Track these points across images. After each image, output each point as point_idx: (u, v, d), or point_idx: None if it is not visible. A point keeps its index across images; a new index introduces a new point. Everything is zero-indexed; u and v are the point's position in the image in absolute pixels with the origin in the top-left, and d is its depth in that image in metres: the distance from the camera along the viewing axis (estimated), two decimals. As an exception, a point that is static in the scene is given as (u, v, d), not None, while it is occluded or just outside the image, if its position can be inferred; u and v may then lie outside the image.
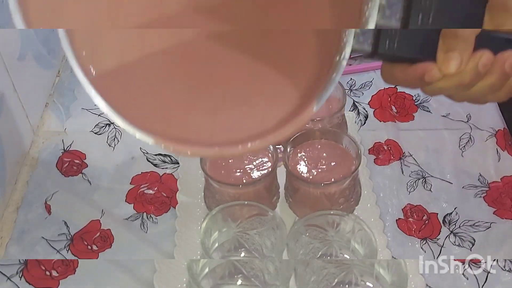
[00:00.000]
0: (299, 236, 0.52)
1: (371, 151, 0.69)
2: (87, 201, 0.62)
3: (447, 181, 0.65)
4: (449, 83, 0.37)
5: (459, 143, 0.69)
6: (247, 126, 0.36)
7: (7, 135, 0.62)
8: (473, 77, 0.36)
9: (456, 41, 0.35)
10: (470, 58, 0.36)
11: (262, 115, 0.36)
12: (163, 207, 0.62)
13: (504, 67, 0.36)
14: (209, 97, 0.38)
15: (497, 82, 0.37)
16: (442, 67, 0.36)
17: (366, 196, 0.60)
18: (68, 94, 0.75)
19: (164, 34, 0.39)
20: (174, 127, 0.36)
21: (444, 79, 0.36)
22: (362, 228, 0.51)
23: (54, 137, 0.70)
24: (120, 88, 0.37)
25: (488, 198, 0.63)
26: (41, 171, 0.66)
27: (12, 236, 0.59)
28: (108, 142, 0.69)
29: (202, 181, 0.60)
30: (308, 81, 0.36)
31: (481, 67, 0.36)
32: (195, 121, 0.37)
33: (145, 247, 0.58)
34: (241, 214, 0.53)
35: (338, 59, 0.33)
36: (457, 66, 0.36)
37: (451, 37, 0.35)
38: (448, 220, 0.61)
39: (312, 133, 0.58)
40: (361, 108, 0.74)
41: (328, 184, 0.53)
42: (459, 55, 0.35)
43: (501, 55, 0.36)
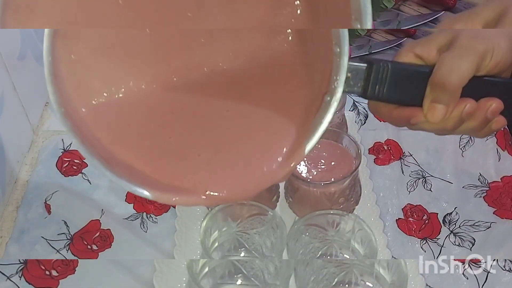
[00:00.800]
0: (299, 236, 0.52)
1: (371, 151, 0.69)
2: (87, 201, 0.62)
3: (447, 181, 0.65)
4: (433, 127, 0.39)
5: (459, 143, 0.69)
6: (240, 174, 0.37)
7: (7, 135, 0.62)
8: (456, 124, 0.38)
9: (443, 93, 0.37)
10: (456, 106, 0.37)
11: (254, 163, 0.37)
12: (163, 207, 0.62)
13: (486, 114, 0.37)
14: (200, 147, 0.38)
15: (478, 126, 0.38)
16: (427, 115, 0.38)
17: (366, 196, 0.60)
18: (68, 93, 0.75)
19: (158, 83, 0.40)
20: (165, 177, 0.37)
21: (428, 123, 0.38)
22: (362, 228, 0.51)
23: (54, 136, 0.70)
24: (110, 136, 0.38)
25: (488, 198, 0.63)
26: (41, 170, 0.66)
27: (12, 235, 0.59)
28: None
29: (202, 181, 0.60)
30: (299, 126, 0.37)
31: (465, 116, 0.37)
32: (184, 170, 0.37)
33: (145, 247, 0.58)
34: (241, 213, 0.53)
35: (329, 99, 0.34)
36: (442, 117, 0.37)
37: (439, 88, 0.37)
38: (448, 220, 0.61)
39: (312, 132, 0.58)
40: (361, 108, 0.74)
41: (328, 183, 0.53)
42: (445, 107, 0.37)
43: (484, 102, 0.37)
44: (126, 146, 0.37)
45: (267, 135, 0.38)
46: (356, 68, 0.37)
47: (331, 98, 0.34)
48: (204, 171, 0.37)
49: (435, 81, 0.37)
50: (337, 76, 0.34)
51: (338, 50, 0.33)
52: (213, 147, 0.38)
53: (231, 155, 0.37)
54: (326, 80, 0.35)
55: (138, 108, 0.39)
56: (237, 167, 0.37)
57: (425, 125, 0.39)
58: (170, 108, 0.39)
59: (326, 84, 0.35)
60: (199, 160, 0.37)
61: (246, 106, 0.39)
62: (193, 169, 0.37)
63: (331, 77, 0.34)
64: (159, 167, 0.37)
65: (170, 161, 0.37)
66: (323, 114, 0.34)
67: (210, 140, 0.38)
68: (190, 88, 0.40)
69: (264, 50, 0.40)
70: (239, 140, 0.38)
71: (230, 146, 0.38)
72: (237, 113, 0.39)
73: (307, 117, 0.37)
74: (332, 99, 0.34)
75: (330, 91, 0.34)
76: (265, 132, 0.38)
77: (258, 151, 0.37)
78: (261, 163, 0.36)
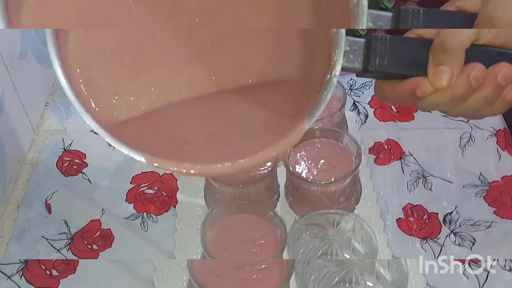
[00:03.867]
0: (299, 235, 0.52)
1: (372, 151, 0.69)
2: (87, 201, 0.62)
3: (447, 181, 0.65)
4: (442, 97, 0.37)
5: (460, 143, 0.69)
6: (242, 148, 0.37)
7: (7, 134, 0.62)
8: (465, 90, 0.36)
9: (445, 55, 0.35)
10: (461, 71, 0.36)
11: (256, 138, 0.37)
12: (163, 207, 0.62)
13: (496, 80, 0.36)
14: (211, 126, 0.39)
15: (490, 95, 0.37)
16: (433, 81, 0.36)
17: (366, 195, 0.60)
18: (68, 93, 0.75)
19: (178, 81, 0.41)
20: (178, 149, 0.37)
21: (436, 93, 0.37)
22: (362, 227, 0.51)
23: (54, 136, 0.70)
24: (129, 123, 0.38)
25: (488, 197, 0.63)
26: (41, 170, 0.66)
27: (13, 235, 0.59)
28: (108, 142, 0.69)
29: (202, 181, 0.60)
30: (300, 100, 0.37)
31: (473, 80, 0.36)
32: (198, 143, 0.38)
33: (146, 246, 0.58)
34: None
35: (328, 77, 0.34)
36: (449, 79, 0.36)
37: (441, 51, 0.36)
38: (448, 220, 0.61)
39: (312, 132, 0.58)
40: (361, 108, 0.74)
41: (328, 183, 0.53)
42: (450, 69, 0.36)
43: (493, 68, 0.36)
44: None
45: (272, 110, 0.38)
46: (355, 41, 0.36)
47: (330, 75, 0.34)
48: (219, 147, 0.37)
49: (437, 45, 0.36)
50: (336, 50, 0.33)
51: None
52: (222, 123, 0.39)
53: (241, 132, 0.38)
54: (327, 62, 0.34)
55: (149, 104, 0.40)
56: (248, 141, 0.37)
57: (434, 97, 0.37)
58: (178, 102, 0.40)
59: (327, 67, 0.34)
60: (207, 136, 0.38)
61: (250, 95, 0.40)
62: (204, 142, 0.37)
63: (331, 57, 0.34)
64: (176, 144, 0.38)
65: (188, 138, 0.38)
66: (323, 91, 0.34)
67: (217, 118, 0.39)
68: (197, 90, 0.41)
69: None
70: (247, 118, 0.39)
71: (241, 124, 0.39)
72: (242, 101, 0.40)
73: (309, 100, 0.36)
74: (332, 74, 0.34)
75: (330, 68, 0.34)
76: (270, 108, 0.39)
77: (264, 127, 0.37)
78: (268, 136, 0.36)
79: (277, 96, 0.40)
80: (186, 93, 0.41)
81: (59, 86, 0.80)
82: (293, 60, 0.41)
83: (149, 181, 0.65)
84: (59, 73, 0.34)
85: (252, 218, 0.53)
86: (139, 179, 0.65)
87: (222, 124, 0.40)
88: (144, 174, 0.65)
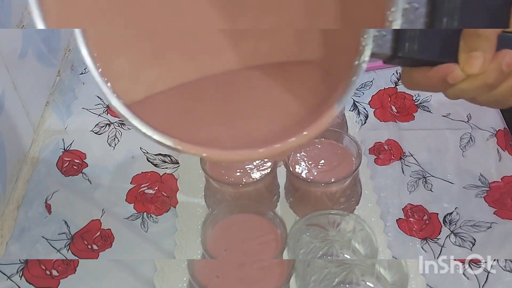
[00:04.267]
0: (299, 236, 0.52)
1: (372, 151, 0.69)
2: (87, 201, 0.62)
3: (447, 181, 0.65)
4: (473, 84, 0.36)
5: (460, 143, 0.69)
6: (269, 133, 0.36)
7: (7, 134, 0.62)
8: (497, 77, 0.36)
9: (478, 41, 0.35)
10: (493, 58, 0.35)
11: (284, 124, 0.36)
12: (163, 207, 0.62)
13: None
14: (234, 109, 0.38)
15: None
16: (465, 67, 0.35)
17: (366, 196, 0.60)
18: (68, 93, 0.75)
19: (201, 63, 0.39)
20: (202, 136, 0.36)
21: (467, 80, 0.36)
22: (362, 227, 0.51)
23: (54, 136, 0.70)
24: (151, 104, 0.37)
25: (488, 198, 0.63)
26: (41, 170, 0.66)
27: (13, 234, 0.59)
28: (109, 142, 0.69)
29: (202, 181, 0.60)
30: (329, 85, 0.36)
31: (505, 66, 0.35)
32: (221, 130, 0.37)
33: (146, 247, 0.58)
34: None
35: (357, 62, 0.33)
36: (481, 65, 0.35)
37: (473, 37, 0.35)
38: (448, 220, 0.61)
39: (313, 132, 0.57)
40: (361, 108, 0.74)
41: (328, 183, 0.53)
42: (482, 54, 0.35)
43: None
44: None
45: (300, 96, 0.37)
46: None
47: (359, 60, 0.33)
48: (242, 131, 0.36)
49: (469, 31, 0.35)
50: (364, 35, 0.32)
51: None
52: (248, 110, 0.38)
53: (268, 116, 0.37)
54: (355, 47, 0.33)
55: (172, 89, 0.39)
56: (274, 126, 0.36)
57: (464, 83, 0.36)
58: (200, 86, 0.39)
59: (355, 51, 0.33)
60: (238, 122, 0.37)
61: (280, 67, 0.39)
62: (234, 129, 0.36)
63: (359, 41, 0.33)
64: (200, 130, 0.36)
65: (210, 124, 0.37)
66: (352, 76, 0.33)
67: (246, 104, 0.38)
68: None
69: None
70: (274, 103, 0.37)
71: (267, 107, 0.37)
72: (272, 75, 0.39)
73: (339, 77, 0.35)
74: (361, 57, 0.32)
75: (359, 53, 0.33)
76: (299, 94, 0.38)
77: (292, 113, 0.36)
78: (296, 122, 0.35)
79: (302, 80, 0.39)
80: (207, 70, 0.39)
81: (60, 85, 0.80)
82: (318, 42, 0.39)
83: (149, 181, 0.65)
84: (88, 61, 0.33)
85: (252, 218, 0.52)
86: (139, 179, 0.65)
87: (246, 106, 0.38)
88: (144, 174, 0.65)
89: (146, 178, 0.65)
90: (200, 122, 0.37)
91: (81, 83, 0.77)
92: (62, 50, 0.80)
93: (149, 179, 0.65)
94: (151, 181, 0.65)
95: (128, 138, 0.69)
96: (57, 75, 0.78)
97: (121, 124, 0.70)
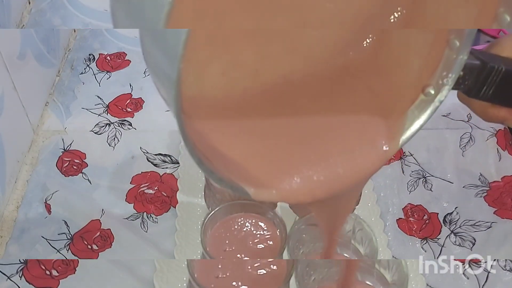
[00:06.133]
0: (299, 236, 0.52)
1: (372, 151, 0.68)
2: (87, 201, 0.62)
3: (447, 181, 0.65)
4: None
5: (460, 143, 0.69)
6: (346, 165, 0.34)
7: (7, 134, 0.62)
8: None
9: None
10: None
11: (351, 153, 0.35)
12: (163, 207, 0.62)
13: None
14: (307, 150, 0.36)
15: None
16: None
17: (366, 196, 0.60)
18: (68, 93, 0.75)
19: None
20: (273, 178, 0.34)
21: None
22: (362, 227, 0.51)
23: (54, 136, 0.70)
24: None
25: (488, 198, 0.63)
26: (41, 170, 0.66)
27: (12, 235, 0.59)
28: (108, 142, 0.69)
29: (202, 181, 0.60)
30: (390, 111, 0.34)
31: None
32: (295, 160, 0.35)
33: (146, 247, 0.58)
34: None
35: (433, 94, 0.32)
36: None
37: None
38: (448, 220, 0.61)
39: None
40: (362, 108, 0.74)
41: (328, 183, 0.53)
42: None
43: None
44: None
45: (360, 126, 0.35)
46: (470, 67, 0.34)
47: (436, 94, 0.31)
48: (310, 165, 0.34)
49: None
50: (449, 73, 0.31)
51: (458, 45, 0.30)
52: (314, 146, 0.36)
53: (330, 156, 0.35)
54: (430, 71, 0.31)
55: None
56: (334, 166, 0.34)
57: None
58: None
59: (428, 75, 0.31)
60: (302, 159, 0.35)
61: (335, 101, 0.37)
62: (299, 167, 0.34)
63: (438, 71, 0.31)
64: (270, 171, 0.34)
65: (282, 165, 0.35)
66: (423, 108, 0.31)
67: (309, 140, 0.36)
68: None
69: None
70: (335, 140, 0.35)
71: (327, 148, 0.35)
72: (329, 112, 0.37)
73: (398, 101, 0.33)
74: (438, 96, 0.31)
75: (436, 86, 0.31)
76: (358, 124, 0.35)
77: (367, 146, 0.34)
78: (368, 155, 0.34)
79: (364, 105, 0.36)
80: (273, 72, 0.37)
81: (59, 86, 0.80)
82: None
83: (149, 181, 0.64)
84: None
85: (252, 218, 0.52)
86: (139, 179, 0.65)
87: (314, 136, 0.36)
88: (144, 174, 0.65)
89: (146, 178, 0.65)
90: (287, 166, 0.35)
91: (81, 83, 0.77)
92: (62, 50, 0.80)
93: (149, 179, 0.65)
94: (151, 181, 0.65)
95: (127, 138, 0.69)
96: (57, 75, 0.78)
97: (121, 124, 0.70)
